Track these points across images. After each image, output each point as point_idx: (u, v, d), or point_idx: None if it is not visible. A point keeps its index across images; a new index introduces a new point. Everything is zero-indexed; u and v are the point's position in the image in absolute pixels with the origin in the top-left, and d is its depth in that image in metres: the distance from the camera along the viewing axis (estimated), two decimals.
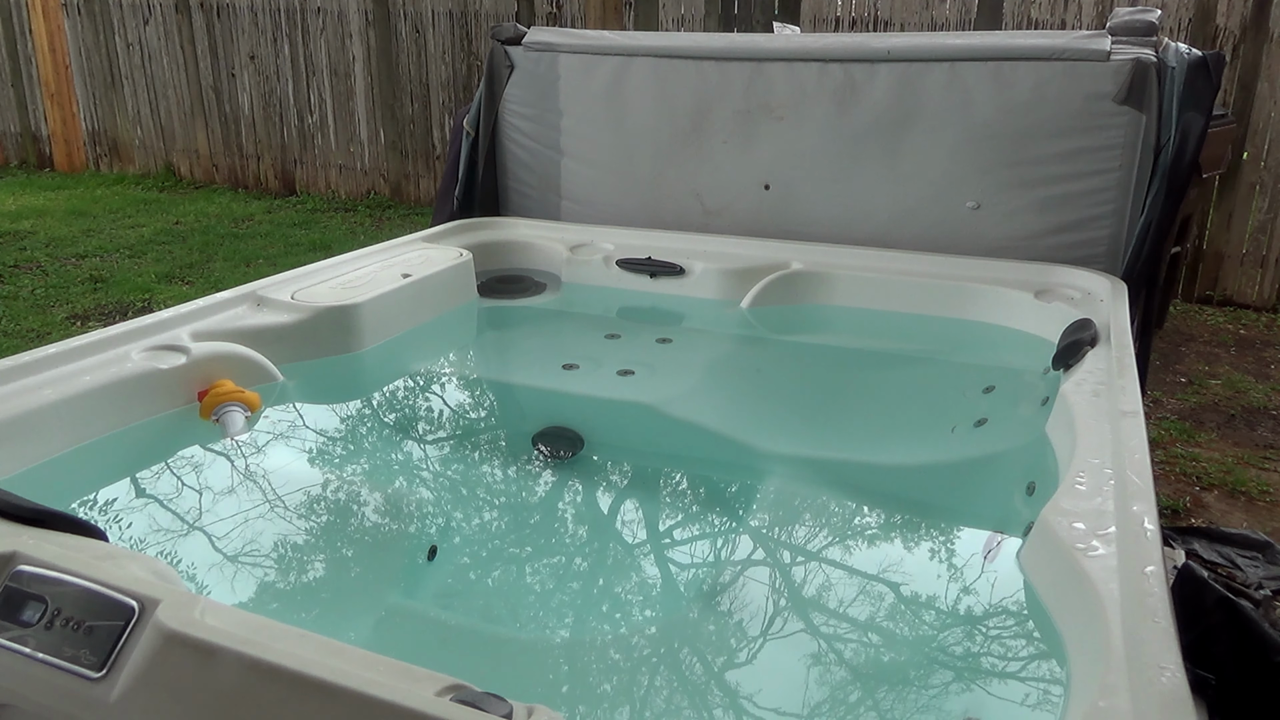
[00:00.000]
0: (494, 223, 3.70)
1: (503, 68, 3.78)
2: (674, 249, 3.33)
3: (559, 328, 3.26)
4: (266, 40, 8.03)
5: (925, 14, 6.04)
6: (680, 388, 2.72)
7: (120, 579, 1.28)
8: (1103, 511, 1.56)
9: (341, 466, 2.24)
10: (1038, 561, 1.58)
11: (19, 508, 1.46)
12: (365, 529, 1.99)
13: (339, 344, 2.65)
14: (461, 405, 2.76)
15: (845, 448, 2.36)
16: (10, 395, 2.00)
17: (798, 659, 1.58)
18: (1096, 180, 3.02)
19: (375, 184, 8.00)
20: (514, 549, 1.89)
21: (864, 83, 3.25)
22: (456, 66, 7.44)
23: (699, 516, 2.05)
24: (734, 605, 1.73)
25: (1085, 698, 1.20)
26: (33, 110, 9.16)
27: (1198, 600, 1.35)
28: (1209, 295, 5.78)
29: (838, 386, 2.84)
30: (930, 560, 1.86)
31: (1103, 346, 2.31)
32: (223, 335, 2.43)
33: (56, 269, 5.90)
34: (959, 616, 1.67)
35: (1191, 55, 2.88)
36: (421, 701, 1.06)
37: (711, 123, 3.50)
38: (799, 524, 1.99)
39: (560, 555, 1.88)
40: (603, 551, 1.95)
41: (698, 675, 1.56)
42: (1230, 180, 5.59)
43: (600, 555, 1.93)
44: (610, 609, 1.75)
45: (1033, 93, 3.03)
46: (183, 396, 2.27)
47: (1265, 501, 3.45)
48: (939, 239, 3.24)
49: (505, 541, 1.93)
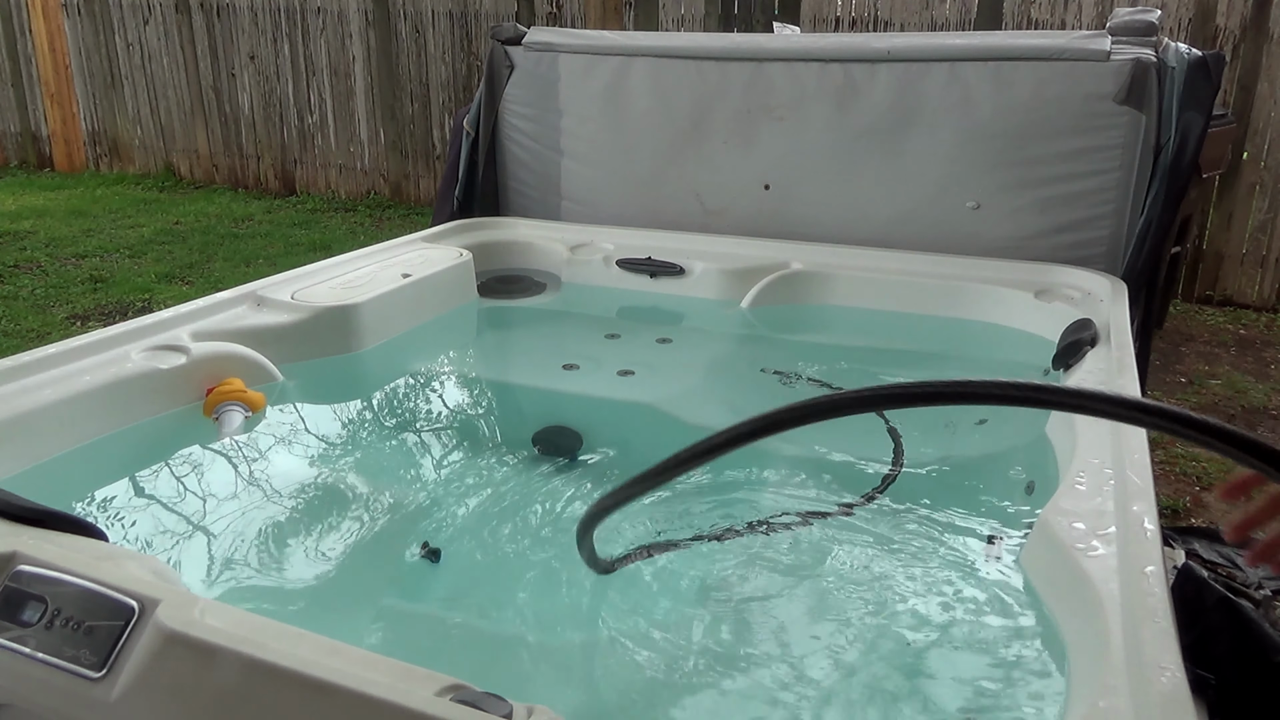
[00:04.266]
0: (494, 223, 3.70)
1: (503, 68, 3.78)
2: (674, 249, 3.33)
3: (559, 328, 3.26)
4: (266, 40, 8.03)
5: (925, 14, 6.04)
6: (680, 388, 2.72)
7: (120, 579, 1.28)
8: (1103, 511, 1.56)
9: (341, 466, 2.24)
10: (1038, 561, 1.58)
11: (19, 508, 1.46)
12: (365, 529, 1.99)
13: (339, 344, 2.65)
14: (461, 405, 2.76)
15: (845, 448, 2.36)
16: (10, 395, 2.00)
17: (797, 658, 1.57)
18: (1096, 180, 3.02)
19: (375, 184, 8.00)
20: (514, 548, 1.89)
21: (864, 83, 3.25)
22: (456, 66, 7.44)
23: (698, 516, 2.05)
24: (733, 605, 1.73)
25: (1085, 698, 1.20)
26: (33, 110, 9.16)
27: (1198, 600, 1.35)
28: (1209, 295, 5.78)
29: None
30: (930, 560, 1.86)
31: (1103, 346, 2.31)
32: (223, 335, 2.43)
33: (56, 269, 5.90)
34: (959, 616, 1.67)
35: (1191, 55, 2.88)
36: (421, 701, 1.06)
37: (711, 123, 3.50)
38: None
39: (560, 555, 1.88)
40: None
41: (697, 675, 1.56)
42: (1230, 180, 5.59)
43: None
44: (610, 608, 1.75)
45: (1033, 93, 3.03)
46: (183, 396, 2.27)
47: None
48: (939, 239, 3.24)
49: (505, 541, 1.93)
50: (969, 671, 1.54)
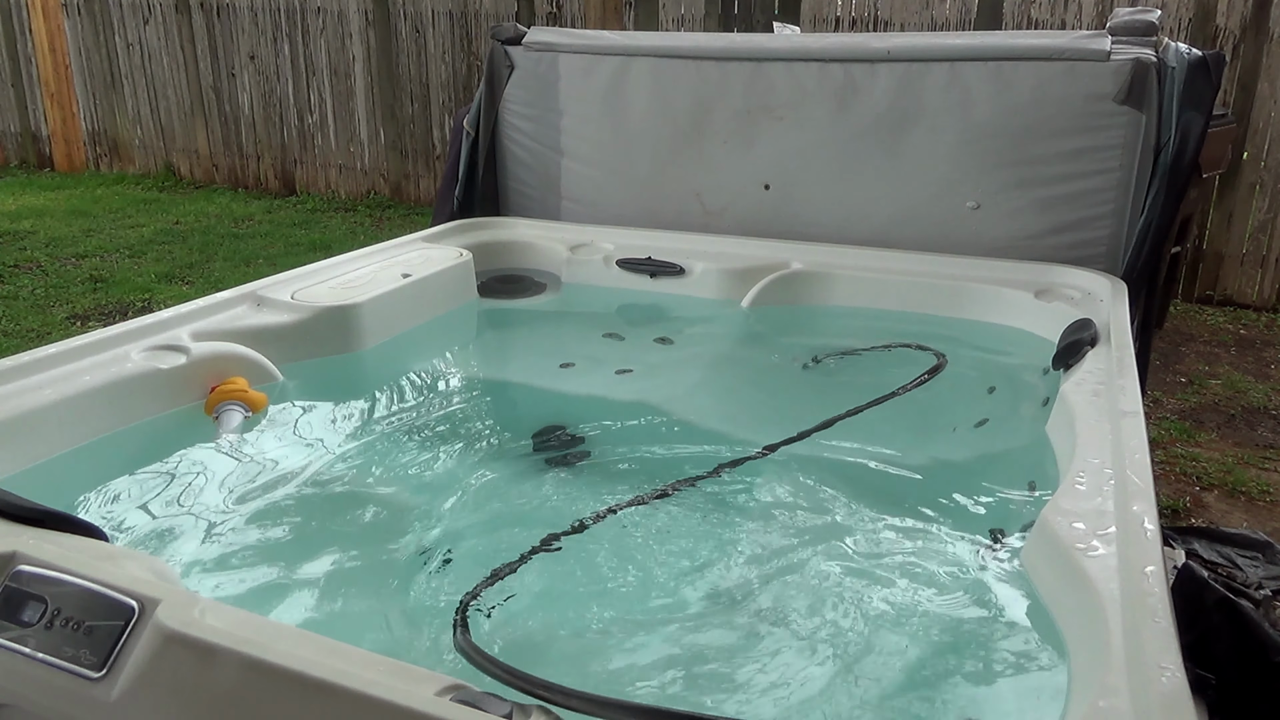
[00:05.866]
0: (494, 223, 3.70)
1: (503, 68, 3.78)
2: (674, 249, 3.33)
3: (559, 328, 3.26)
4: (266, 40, 8.03)
5: (925, 14, 6.04)
6: (680, 388, 2.72)
7: (120, 579, 1.28)
8: (1103, 511, 1.56)
9: (341, 466, 2.23)
10: (1038, 561, 1.58)
11: (19, 508, 1.46)
12: (365, 529, 1.99)
13: (339, 344, 2.65)
14: (461, 405, 2.76)
15: (845, 447, 2.36)
16: (10, 395, 2.00)
17: (797, 658, 1.57)
18: (1096, 180, 3.02)
19: (375, 184, 8.00)
20: (513, 548, 1.89)
21: (864, 83, 3.25)
22: (456, 66, 7.44)
23: (698, 516, 2.05)
24: (734, 605, 1.73)
25: (1085, 698, 1.20)
26: (33, 110, 9.16)
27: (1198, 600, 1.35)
28: (1209, 295, 5.78)
29: (838, 386, 2.84)
30: (930, 560, 1.86)
31: (1103, 346, 2.31)
32: (223, 335, 2.43)
33: (56, 269, 5.90)
34: (959, 616, 1.67)
35: (1191, 55, 2.88)
36: (421, 701, 1.06)
37: (712, 123, 3.50)
38: (798, 524, 1.99)
39: (559, 554, 1.88)
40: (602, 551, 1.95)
41: (698, 675, 1.56)
42: (1230, 180, 5.59)
43: (599, 554, 1.93)
44: (610, 608, 1.75)
45: (1033, 93, 3.03)
46: (183, 396, 2.27)
47: (1265, 501, 3.45)
48: (939, 239, 3.24)
49: (504, 540, 1.92)
50: (969, 671, 1.54)
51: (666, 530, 2.00)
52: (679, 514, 2.08)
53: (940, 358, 2.66)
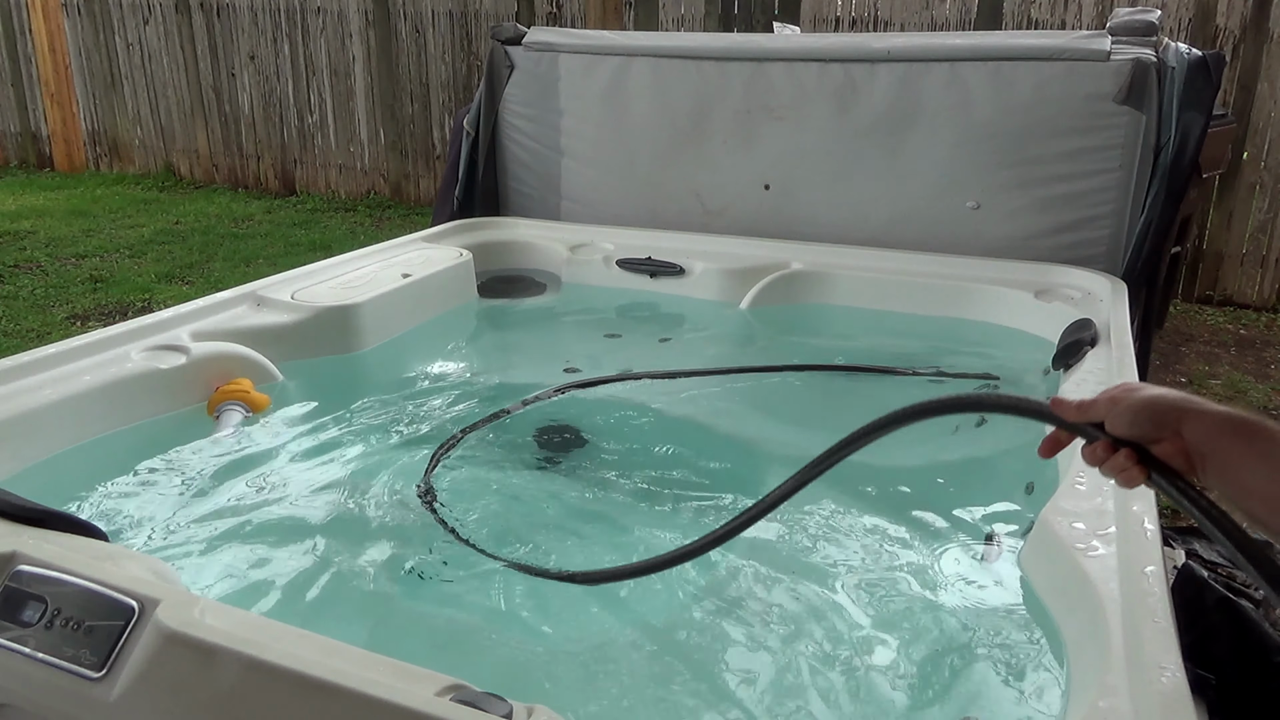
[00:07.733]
0: (494, 223, 3.70)
1: (503, 68, 3.78)
2: (674, 249, 3.33)
3: (559, 328, 3.26)
4: (266, 40, 8.03)
5: (925, 14, 6.03)
6: (680, 388, 2.72)
7: (120, 579, 1.28)
8: (1103, 511, 1.56)
9: (341, 466, 2.23)
10: (1038, 561, 1.58)
11: (19, 508, 1.46)
12: (365, 528, 1.99)
13: (339, 344, 2.66)
14: (461, 405, 2.75)
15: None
16: (10, 395, 2.00)
17: (797, 658, 1.57)
18: (1096, 180, 3.02)
19: (375, 184, 7.99)
20: (513, 548, 1.89)
21: (864, 83, 3.25)
22: (456, 66, 7.43)
23: (699, 516, 2.05)
24: (733, 604, 1.73)
25: (1085, 698, 1.20)
26: (33, 110, 9.15)
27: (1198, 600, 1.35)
28: (1209, 295, 5.78)
29: (837, 386, 2.84)
30: (930, 560, 1.86)
31: (1103, 346, 2.31)
32: (223, 335, 2.44)
33: (56, 269, 5.90)
34: (959, 616, 1.67)
35: (1191, 55, 2.88)
36: (421, 701, 1.06)
37: (712, 123, 3.50)
38: (798, 524, 1.99)
39: (559, 554, 1.88)
40: (602, 550, 1.95)
41: (698, 675, 1.56)
42: (1230, 180, 5.58)
43: (600, 554, 1.93)
44: (610, 608, 1.75)
45: (1033, 93, 3.03)
46: (183, 396, 2.27)
47: None
48: (939, 239, 3.24)
49: (505, 541, 1.92)
50: (969, 671, 1.54)
51: (664, 529, 2.00)
52: (674, 512, 2.08)
53: (990, 379, 2.65)
